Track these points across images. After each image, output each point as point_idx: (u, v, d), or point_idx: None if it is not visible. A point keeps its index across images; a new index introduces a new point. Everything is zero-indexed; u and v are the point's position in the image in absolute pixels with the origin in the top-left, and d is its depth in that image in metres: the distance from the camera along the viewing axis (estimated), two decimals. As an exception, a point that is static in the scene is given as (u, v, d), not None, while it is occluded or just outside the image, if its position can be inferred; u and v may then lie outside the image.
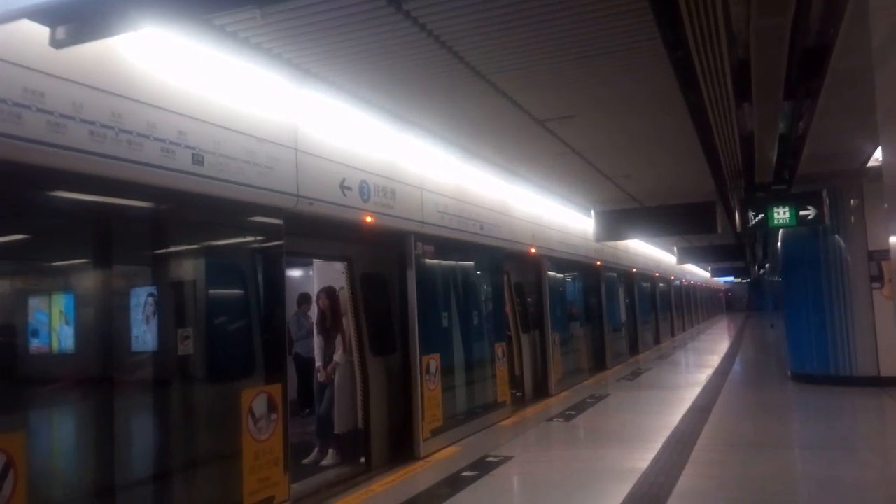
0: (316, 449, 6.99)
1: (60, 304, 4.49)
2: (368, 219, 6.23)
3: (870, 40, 3.22)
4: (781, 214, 10.11)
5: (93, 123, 3.62)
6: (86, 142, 3.58)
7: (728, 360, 16.49)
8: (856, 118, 7.43)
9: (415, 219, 7.11)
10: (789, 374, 11.83)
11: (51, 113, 3.40)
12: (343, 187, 5.86)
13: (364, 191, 6.18)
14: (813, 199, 10.05)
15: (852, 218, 10.83)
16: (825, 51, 5.64)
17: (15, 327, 3.79)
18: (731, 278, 48.93)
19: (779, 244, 12.49)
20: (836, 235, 10.87)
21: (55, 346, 4.30)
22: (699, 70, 5.17)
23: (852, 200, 10.82)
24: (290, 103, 5.28)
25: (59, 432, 4.10)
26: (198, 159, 4.31)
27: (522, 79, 5.58)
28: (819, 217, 10.00)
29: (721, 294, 58.31)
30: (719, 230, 11.98)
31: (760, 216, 10.20)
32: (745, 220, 10.31)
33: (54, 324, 4.44)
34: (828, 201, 10.12)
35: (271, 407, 4.82)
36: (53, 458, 3.95)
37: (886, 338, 10.40)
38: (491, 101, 6.10)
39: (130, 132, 3.84)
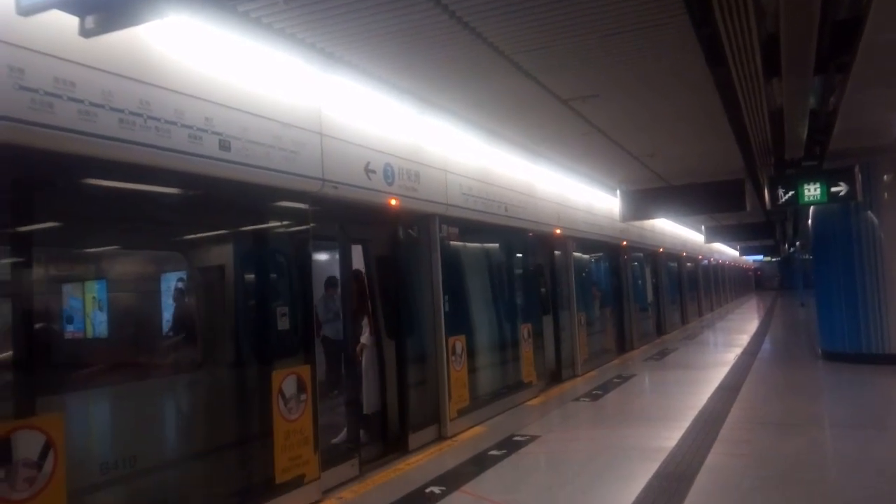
0: (345, 429, 7.08)
1: (94, 289, 4.61)
2: (393, 202, 6.26)
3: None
4: (812, 191, 9.92)
5: (122, 111, 3.69)
6: (115, 129, 3.65)
7: (757, 339, 16.32)
8: (889, 92, 7.25)
9: (439, 201, 7.12)
10: (820, 352, 11.69)
11: (81, 101, 3.47)
12: (367, 171, 5.89)
13: (388, 174, 6.20)
14: (845, 175, 9.84)
15: (885, 194, 10.61)
16: (857, 23, 5.49)
17: (47, 312, 3.90)
18: (760, 257, 48.25)
19: (809, 221, 12.28)
20: (869, 212, 10.66)
21: (89, 330, 4.43)
22: (727, 46, 5.07)
23: (885, 176, 10.59)
24: (313, 87, 5.31)
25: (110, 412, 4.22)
26: (224, 145, 4.36)
27: (546, 58, 5.53)
28: (851, 193, 9.78)
29: (750, 273, 57.57)
30: (748, 208, 11.80)
31: (790, 193, 10.02)
32: (774, 197, 10.13)
33: (88, 310, 4.56)
34: (860, 177, 9.90)
35: (300, 388, 4.90)
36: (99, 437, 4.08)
37: (920, 315, 10.22)
38: (514, 82, 6.06)
39: (158, 119, 3.90)
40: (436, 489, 5.19)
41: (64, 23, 3.25)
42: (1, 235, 3.30)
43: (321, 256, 10.39)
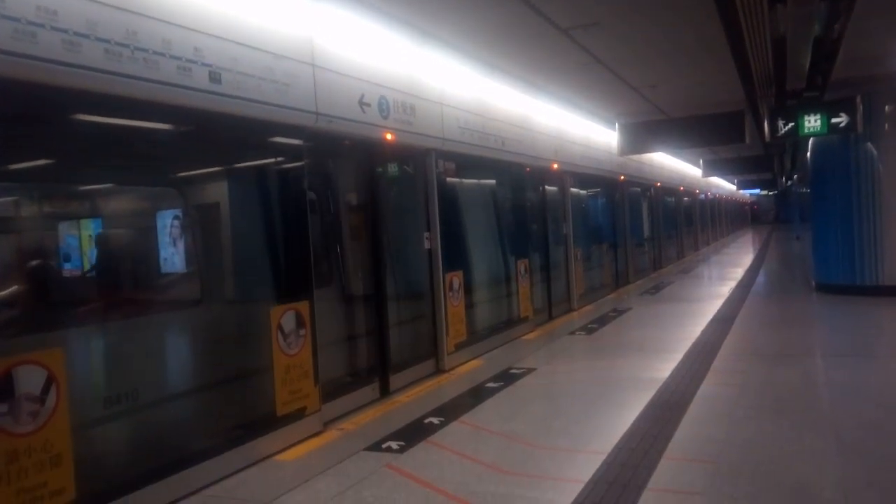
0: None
1: (88, 227, 4.57)
2: (388, 136, 6.15)
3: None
4: (812, 122, 9.80)
5: (108, 42, 3.56)
6: (101, 61, 3.53)
7: (752, 272, 16.45)
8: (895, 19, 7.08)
9: (435, 135, 7.02)
10: (814, 284, 11.80)
11: (65, 31, 3.35)
12: (362, 104, 5.77)
13: (383, 107, 6.08)
14: (846, 106, 9.70)
15: (886, 125, 10.49)
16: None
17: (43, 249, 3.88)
18: (757, 191, 48.20)
19: (808, 154, 12.20)
20: (869, 143, 10.57)
21: (86, 266, 4.42)
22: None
23: (887, 107, 10.46)
24: (305, 17, 5.13)
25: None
26: (215, 77, 4.24)
27: (544, -16, 5.36)
28: (852, 124, 9.67)
29: (747, 207, 57.61)
30: (747, 140, 11.70)
31: (790, 125, 9.90)
32: (774, 129, 10.02)
33: (85, 248, 4.53)
34: (861, 108, 9.77)
35: (300, 323, 4.93)
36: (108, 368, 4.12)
37: (915, 247, 10.29)
38: (512, 9, 5.88)
39: (146, 50, 3.78)
40: (434, 420, 5.30)
41: (41, -53, 3.11)
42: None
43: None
